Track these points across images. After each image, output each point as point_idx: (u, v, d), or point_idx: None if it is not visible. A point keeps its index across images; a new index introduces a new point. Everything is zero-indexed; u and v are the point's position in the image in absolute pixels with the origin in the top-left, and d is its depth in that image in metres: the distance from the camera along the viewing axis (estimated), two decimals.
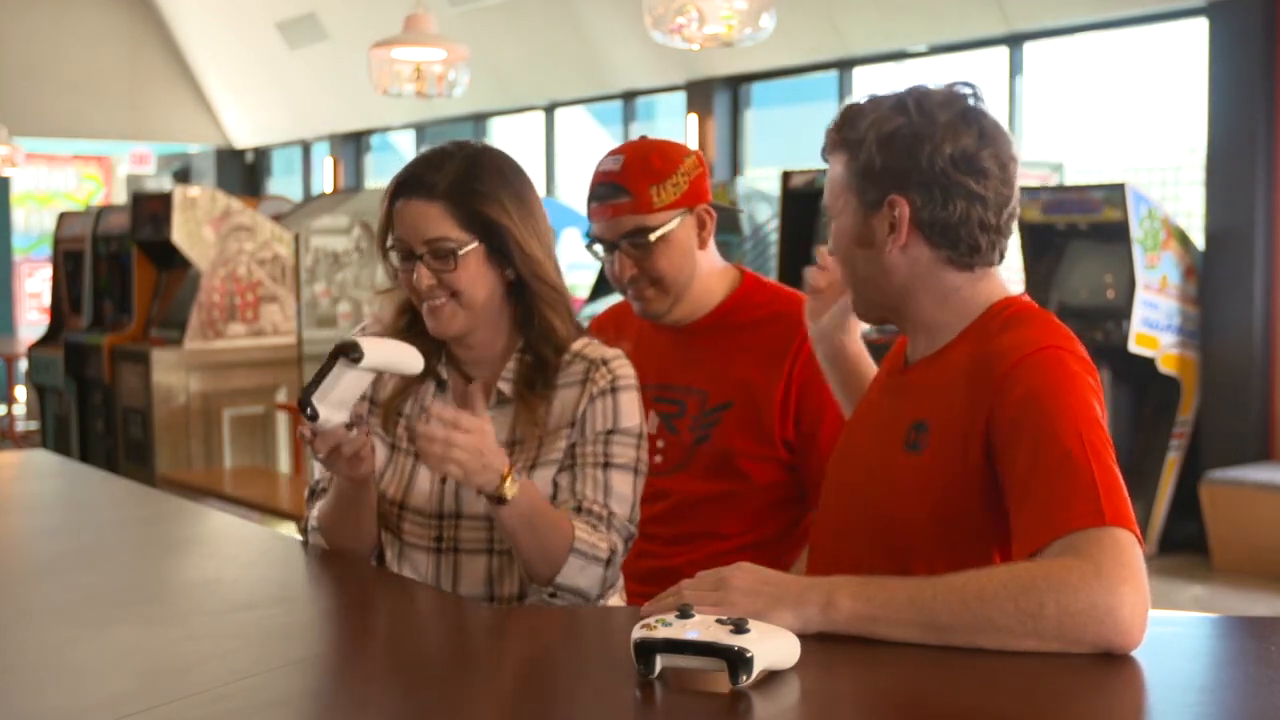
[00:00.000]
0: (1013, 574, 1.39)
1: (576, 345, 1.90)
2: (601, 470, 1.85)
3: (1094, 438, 1.46)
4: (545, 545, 1.75)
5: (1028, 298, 1.69)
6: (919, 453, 1.59)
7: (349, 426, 1.73)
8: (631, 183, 2.16)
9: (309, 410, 1.67)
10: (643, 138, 2.26)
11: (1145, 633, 1.37)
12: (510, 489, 1.69)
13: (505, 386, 1.89)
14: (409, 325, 1.92)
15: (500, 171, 1.86)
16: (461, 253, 1.82)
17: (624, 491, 1.86)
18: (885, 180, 1.60)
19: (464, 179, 1.84)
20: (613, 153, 2.21)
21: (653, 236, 2.16)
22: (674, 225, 2.17)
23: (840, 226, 1.67)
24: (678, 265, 2.20)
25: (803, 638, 1.33)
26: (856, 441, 1.76)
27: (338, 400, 1.69)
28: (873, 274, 1.66)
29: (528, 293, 1.88)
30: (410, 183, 1.85)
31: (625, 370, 1.89)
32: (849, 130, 1.64)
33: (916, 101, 1.60)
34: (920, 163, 1.58)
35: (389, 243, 1.88)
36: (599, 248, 2.22)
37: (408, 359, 1.77)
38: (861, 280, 1.69)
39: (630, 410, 1.88)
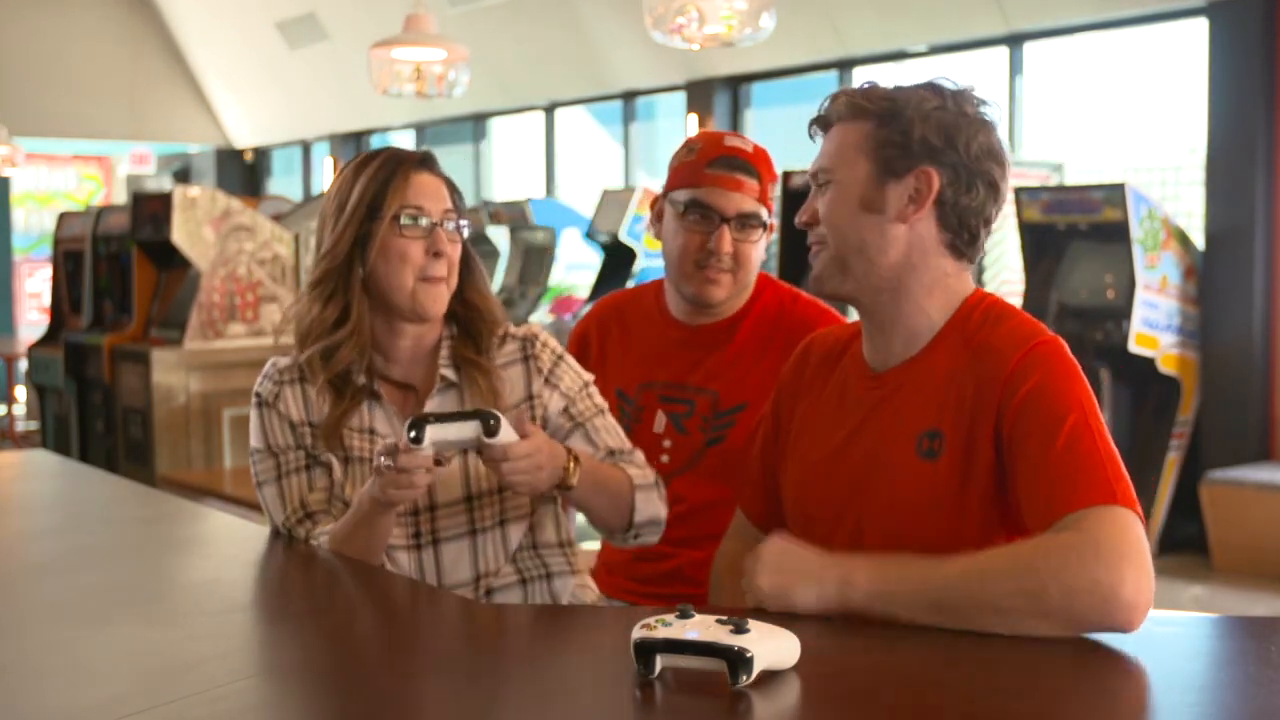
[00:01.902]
0: (1016, 554, 1.42)
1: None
2: (603, 416, 1.97)
3: (1099, 425, 1.51)
4: (614, 497, 1.88)
5: (984, 291, 1.70)
6: (936, 460, 1.58)
7: (437, 462, 1.72)
8: (761, 169, 2.20)
9: (416, 434, 1.64)
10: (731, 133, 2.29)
11: (1148, 612, 1.38)
12: (574, 477, 1.80)
13: (448, 371, 1.92)
14: (324, 356, 1.88)
15: None
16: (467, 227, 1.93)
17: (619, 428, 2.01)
18: (920, 151, 1.60)
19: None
20: (730, 133, 2.25)
21: (767, 227, 2.20)
22: (770, 225, 2.22)
23: (844, 189, 1.64)
24: (757, 262, 2.24)
25: (804, 634, 1.33)
26: (843, 458, 1.68)
27: (442, 441, 1.68)
28: (871, 242, 1.63)
29: (468, 267, 1.96)
30: (417, 159, 1.90)
31: (555, 341, 2.01)
32: (874, 100, 1.63)
33: (950, 92, 1.63)
34: (957, 144, 1.61)
35: (399, 213, 1.85)
36: (694, 216, 2.18)
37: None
38: (853, 248, 1.64)
39: (580, 367, 2.01)
